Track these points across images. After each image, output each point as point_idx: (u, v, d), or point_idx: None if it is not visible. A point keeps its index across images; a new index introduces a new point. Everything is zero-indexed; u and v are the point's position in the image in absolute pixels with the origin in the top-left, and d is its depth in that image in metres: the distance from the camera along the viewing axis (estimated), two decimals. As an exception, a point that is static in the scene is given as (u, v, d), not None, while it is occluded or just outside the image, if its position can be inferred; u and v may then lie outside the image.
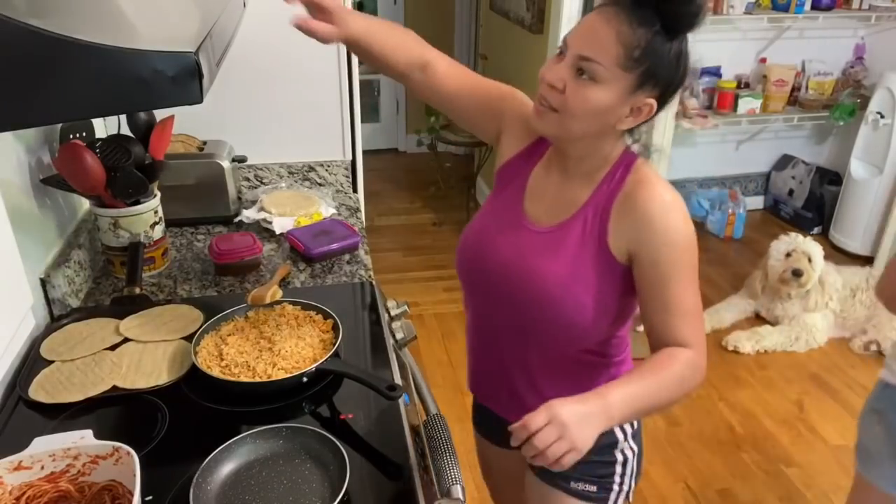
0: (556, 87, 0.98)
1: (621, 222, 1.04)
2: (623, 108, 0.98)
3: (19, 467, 0.86)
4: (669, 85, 0.99)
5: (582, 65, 0.96)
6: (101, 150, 1.39)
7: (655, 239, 1.01)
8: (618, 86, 0.96)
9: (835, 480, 2.28)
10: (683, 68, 0.99)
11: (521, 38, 3.32)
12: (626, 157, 1.07)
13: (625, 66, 0.94)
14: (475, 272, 1.19)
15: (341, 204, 1.90)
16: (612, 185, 1.06)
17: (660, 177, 1.05)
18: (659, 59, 0.95)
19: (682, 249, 1.02)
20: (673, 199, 1.02)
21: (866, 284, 2.96)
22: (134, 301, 1.37)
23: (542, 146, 1.16)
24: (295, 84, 1.90)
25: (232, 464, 0.95)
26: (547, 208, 1.12)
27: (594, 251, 1.06)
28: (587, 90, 0.96)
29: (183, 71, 0.60)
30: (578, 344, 1.12)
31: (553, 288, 1.07)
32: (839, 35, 3.73)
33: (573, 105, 0.97)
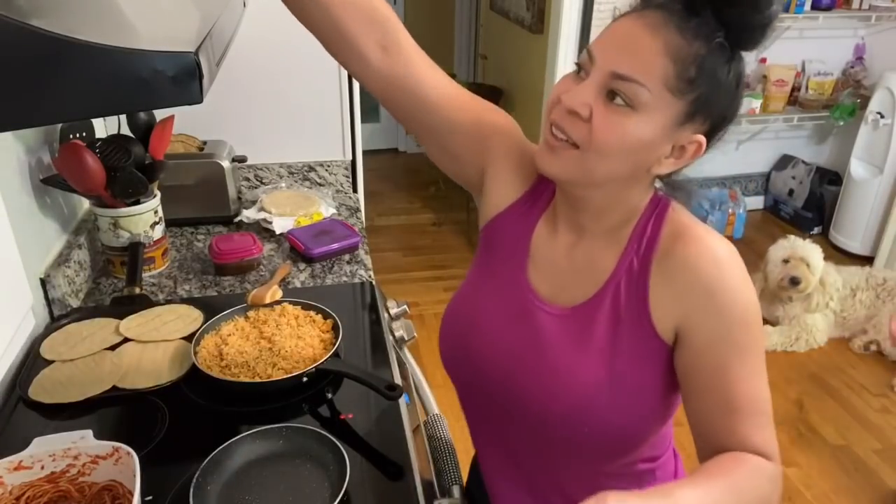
0: (579, 115, 0.74)
1: (665, 289, 0.79)
2: (665, 146, 0.75)
3: (19, 467, 0.86)
4: (724, 118, 0.76)
5: (616, 86, 0.72)
6: (101, 150, 1.39)
7: (711, 310, 0.76)
8: (663, 115, 0.72)
9: (835, 480, 2.28)
10: (740, 97, 0.77)
11: (521, 38, 3.32)
12: (654, 204, 0.82)
13: (675, 88, 0.71)
14: (471, 373, 0.92)
15: (341, 204, 1.90)
16: (645, 243, 0.81)
17: (703, 225, 0.81)
18: (716, 82, 0.72)
19: (747, 323, 0.77)
20: (728, 253, 0.78)
21: (866, 284, 2.97)
22: (134, 301, 1.37)
23: (545, 194, 0.90)
24: (295, 84, 1.90)
25: (232, 464, 0.95)
26: (562, 281, 0.86)
27: (634, 334, 0.81)
28: (623, 120, 0.72)
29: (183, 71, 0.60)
30: (623, 457, 0.87)
31: (590, 393, 0.81)
32: (839, 35, 3.73)
33: (603, 139, 0.73)
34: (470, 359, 0.91)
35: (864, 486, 2.27)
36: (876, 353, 2.91)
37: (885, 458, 2.38)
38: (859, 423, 2.54)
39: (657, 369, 0.81)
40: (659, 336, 0.80)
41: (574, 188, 0.81)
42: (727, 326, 0.76)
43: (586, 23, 2.66)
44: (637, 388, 0.81)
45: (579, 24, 2.66)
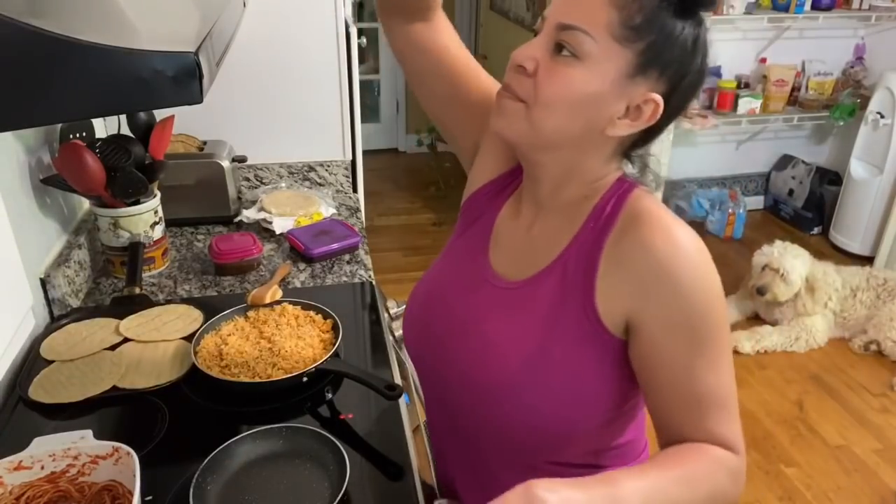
0: (525, 69, 0.73)
1: (614, 275, 0.74)
2: (617, 101, 0.72)
3: (19, 467, 0.86)
4: (683, 76, 0.73)
5: (562, 37, 0.70)
6: (101, 150, 1.39)
7: (665, 294, 0.71)
8: (610, 65, 0.70)
9: (835, 480, 2.28)
10: (702, 59, 0.74)
11: (521, 38, 3.32)
12: (620, 186, 0.79)
13: (621, 36, 0.69)
14: (422, 339, 0.91)
15: (341, 204, 1.90)
16: (601, 223, 0.77)
17: (668, 211, 0.76)
18: (666, 33, 0.70)
19: (707, 310, 0.72)
20: (688, 237, 0.73)
21: (867, 285, 2.97)
22: (134, 301, 1.37)
23: (518, 179, 0.89)
24: (295, 84, 1.90)
25: (232, 464, 0.95)
26: (516, 256, 0.84)
27: (575, 318, 0.76)
28: (567, 70, 0.70)
29: (183, 71, 0.60)
30: (560, 451, 0.82)
31: (514, 368, 0.78)
32: (839, 35, 3.73)
33: (547, 91, 0.71)
34: (424, 322, 0.91)
35: (864, 486, 2.27)
36: (876, 353, 2.91)
37: (885, 458, 2.38)
38: (859, 423, 2.54)
39: (600, 363, 0.76)
40: (604, 327, 0.75)
41: (527, 150, 0.79)
42: (684, 313, 0.72)
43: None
44: (571, 378, 0.77)
45: (579, 24, 2.67)
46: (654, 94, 0.72)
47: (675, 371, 0.73)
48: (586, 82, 0.71)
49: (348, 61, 1.91)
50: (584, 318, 0.76)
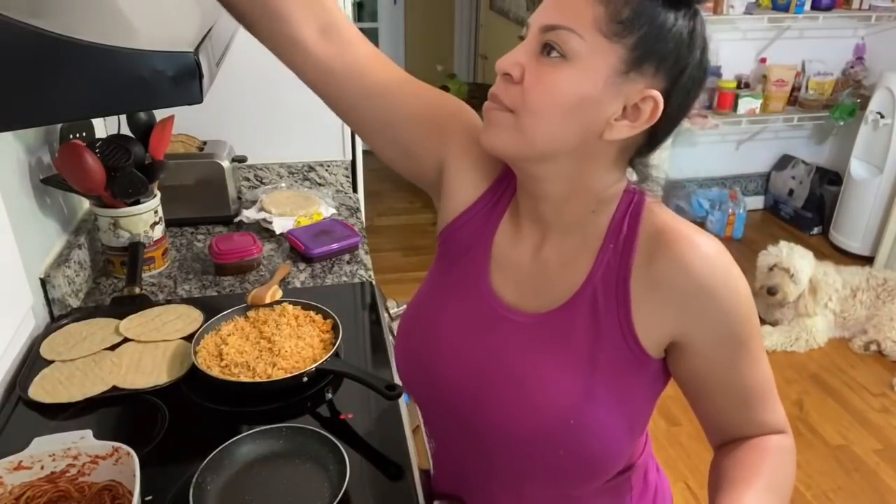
0: (511, 77, 0.68)
1: (653, 300, 0.72)
2: (612, 102, 0.67)
3: (19, 467, 0.86)
4: (682, 71, 0.68)
5: (547, 38, 0.66)
6: (101, 150, 1.39)
7: (713, 311, 0.71)
8: (601, 62, 0.66)
9: (835, 480, 2.28)
10: (701, 53, 0.69)
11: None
12: (629, 199, 0.75)
13: (609, 31, 0.65)
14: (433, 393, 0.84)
15: (341, 204, 1.90)
16: (623, 243, 0.74)
17: (683, 220, 0.74)
18: (659, 25, 0.66)
19: (748, 315, 0.73)
20: (716, 248, 0.72)
21: (867, 285, 2.96)
22: (134, 301, 1.37)
23: (507, 192, 0.81)
24: (295, 84, 1.88)
25: (232, 464, 0.95)
26: (531, 285, 0.78)
27: (616, 349, 0.73)
28: (555, 73, 0.66)
29: (183, 71, 0.60)
30: (602, 477, 0.79)
31: (565, 412, 0.73)
32: (839, 35, 3.73)
33: (535, 96, 0.67)
34: (431, 378, 0.82)
35: (864, 486, 2.27)
36: (876, 353, 2.91)
37: (885, 458, 2.38)
38: (859, 423, 2.54)
39: (640, 384, 0.76)
40: (645, 353, 0.73)
41: (523, 164, 0.73)
42: (730, 325, 0.72)
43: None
44: (622, 409, 0.74)
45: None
46: (652, 91, 0.67)
47: (725, 377, 0.75)
48: (577, 83, 0.66)
49: (348, 61, 1.91)
50: (625, 348, 0.73)
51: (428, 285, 0.88)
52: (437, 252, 0.87)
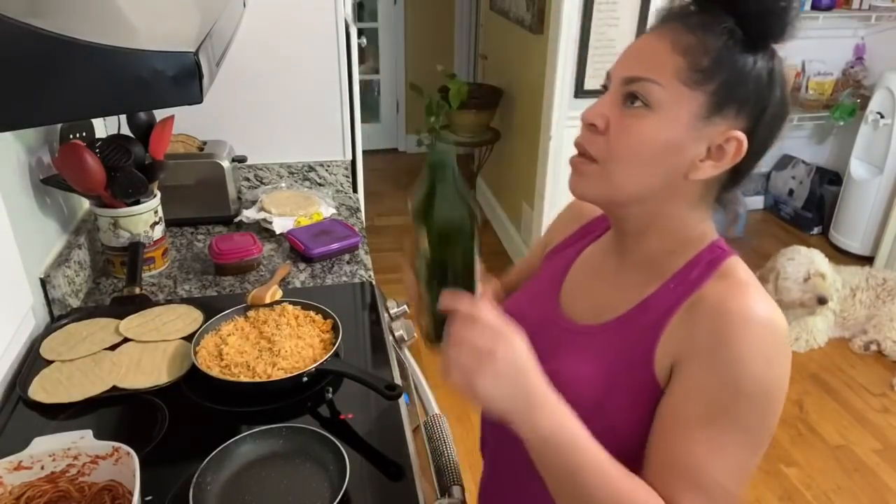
0: (596, 128, 0.72)
1: (678, 331, 0.72)
2: (696, 144, 0.70)
3: (19, 467, 0.86)
4: (763, 110, 0.70)
5: (629, 89, 0.70)
6: (101, 150, 1.39)
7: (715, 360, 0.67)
8: (683, 109, 0.69)
9: (835, 480, 2.28)
10: (781, 91, 0.71)
11: (521, 38, 3.32)
12: (713, 251, 0.76)
13: (690, 80, 0.68)
14: None
15: (341, 204, 1.90)
16: (684, 286, 0.74)
17: (758, 285, 0.72)
18: (738, 70, 0.69)
19: (748, 396, 0.66)
20: (769, 315, 0.68)
21: (866, 284, 2.97)
22: (134, 301, 1.37)
23: (597, 230, 0.91)
24: (295, 84, 1.90)
25: (232, 464, 0.95)
26: (591, 302, 0.83)
27: (636, 374, 0.74)
28: (639, 122, 0.70)
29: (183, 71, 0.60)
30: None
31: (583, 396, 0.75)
32: (839, 35, 3.73)
33: (620, 146, 0.71)
34: None
35: (864, 486, 2.27)
36: (876, 353, 2.91)
37: (885, 458, 2.38)
38: (859, 423, 2.55)
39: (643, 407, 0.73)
40: (654, 373, 0.72)
41: (608, 209, 0.80)
42: (716, 383, 0.67)
43: (586, 23, 2.66)
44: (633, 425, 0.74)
45: (579, 24, 2.66)
46: (736, 132, 0.70)
47: (680, 432, 0.68)
48: (661, 130, 0.70)
49: (348, 61, 1.91)
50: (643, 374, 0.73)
51: (524, 286, 0.98)
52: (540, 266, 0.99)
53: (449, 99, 3.54)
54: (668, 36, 0.70)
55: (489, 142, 3.72)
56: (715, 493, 0.67)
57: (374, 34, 4.78)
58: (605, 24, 2.69)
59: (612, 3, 2.65)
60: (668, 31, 0.71)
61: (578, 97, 2.81)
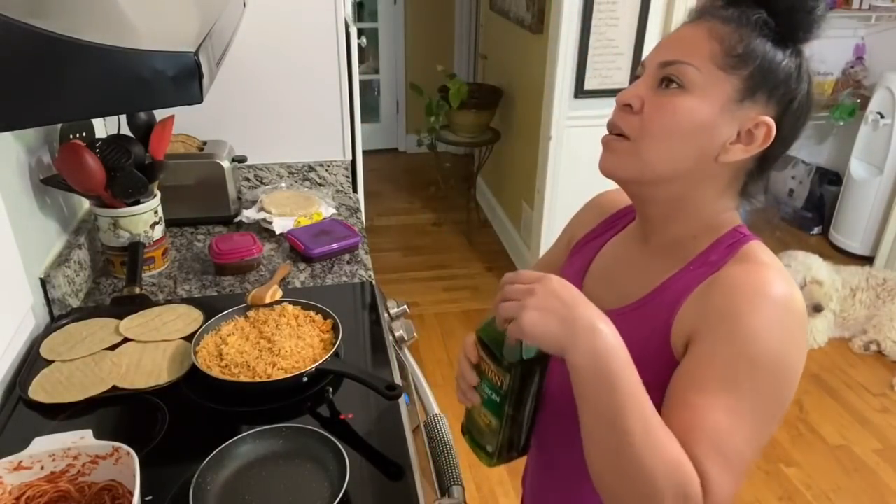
0: (631, 108, 0.75)
1: (696, 302, 0.73)
2: (728, 126, 0.73)
3: (19, 467, 0.86)
4: (791, 100, 0.74)
5: (666, 72, 0.73)
6: (101, 150, 1.39)
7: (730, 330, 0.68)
8: (717, 91, 0.72)
9: (835, 480, 2.28)
10: (808, 86, 0.75)
11: (521, 38, 3.32)
12: (735, 236, 0.77)
13: (725, 65, 0.72)
14: None
15: (341, 204, 1.90)
16: (704, 268, 0.75)
17: (778, 264, 0.73)
18: (769, 60, 0.72)
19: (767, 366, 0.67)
20: (785, 292, 0.69)
21: (866, 284, 2.97)
22: (134, 301, 1.37)
23: (621, 221, 0.93)
24: (295, 84, 1.90)
25: (232, 464, 0.95)
26: (614, 289, 0.85)
27: (660, 352, 0.76)
28: (674, 100, 0.72)
29: (183, 71, 0.60)
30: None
31: None
32: (839, 35, 3.73)
33: (654, 122, 0.73)
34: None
35: (864, 486, 2.27)
36: (876, 353, 2.91)
37: (885, 458, 2.38)
38: (859, 423, 2.55)
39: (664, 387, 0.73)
40: (671, 348, 0.74)
41: (639, 188, 0.79)
42: (730, 352, 0.68)
43: (586, 23, 2.66)
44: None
45: (579, 24, 2.66)
46: (765, 117, 0.73)
47: (696, 397, 0.68)
48: (695, 109, 0.72)
49: (348, 61, 1.91)
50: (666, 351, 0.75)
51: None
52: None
53: (449, 99, 3.54)
54: (705, 25, 0.74)
55: (489, 142, 3.73)
56: (733, 459, 0.67)
57: (374, 34, 4.78)
58: (605, 24, 2.69)
59: (612, 3, 2.65)
60: (704, 22, 0.74)
61: (578, 97, 2.81)
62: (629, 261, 0.85)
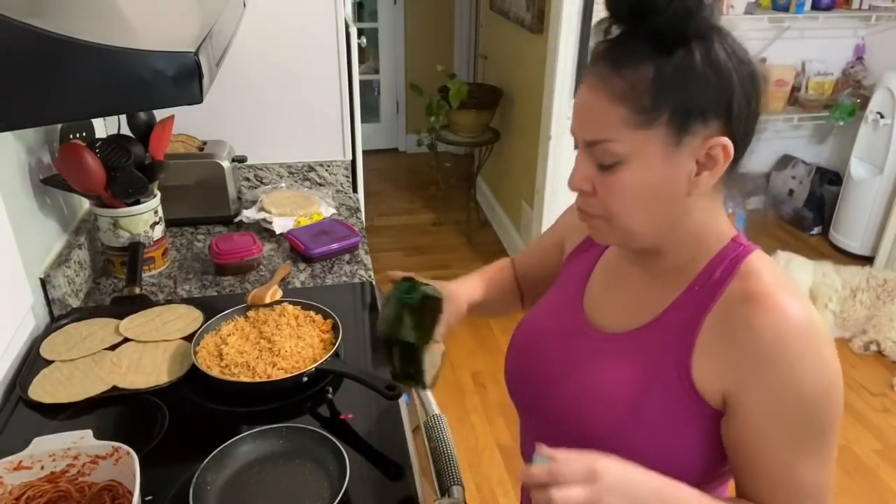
0: (586, 192, 0.75)
1: (715, 351, 0.72)
2: (682, 166, 0.70)
3: (19, 467, 0.86)
4: (728, 102, 0.69)
5: (594, 152, 0.72)
6: (101, 150, 1.39)
7: (763, 384, 0.68)
8: (651, 149, 0.69)
9: (835, 480, 2.28)
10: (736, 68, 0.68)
11: (521, 38, 3.32)
12: (734, 249, 0.76)
13: (640, 122, 0.68)
14: (523, 381, 0.94)
15: (341, 204, 1.90)
16: (708, 288, 0.75)
17: (784, 280, 0.73)
18: (682, 87, 0.67)
19: (818, 399, 0.68)
20: (803, 322, 0.68)
21: (867, 285, 2.96)
22: (134, 301, 1.37)
23: None
24: (295, 84, 1.90)
25: (232, 464, 0.95)
26: (616, 310, 0.84)
27: (669, 382, 0.74)
28: (619, 178, 0.71)
29: (183, 71, 0.60)
30: None
31: (606, 417, 0.77)
32: (839, 35, 3.73)
33: (614, 206, 0.73)
34: (526, 375, 0.92)
35: (864, 486, 2.27)
36: (876, 353, 2.91)
37: (885, 458, 2.38)
38: (859, 423, 2.54)
39: (692, 429, 0.74)
40: (699, 395, 0.73)
41: (630, 246, 0.81)
42: (790, 402, 0.68)
43: (586, 23, 2.65)
44: (661, 439, 0.75)
45: (579, 24, 2.66)
46: (714, 139, 0.69)
47: (772, 457, 0.70)
48: (642, 177, 0.71)
49: (348, 61, 1.91)
50: (678, 383, 0.74)
51: (546, 296, 0.98)
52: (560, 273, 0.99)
53: (449, 99, 3.54)
54: (601, 88, 0.70)
55: (489, 142, 3.72)
56: (826, 496, 0.71)
57: (374, 34, 4.78)
58: (605, 24, 2.68)
59: (612, 3, 2.65)
60: (599, 82, 0.70)
61: (578, 97, 2.81)
62: (630, 282, 0.84)
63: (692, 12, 0.66)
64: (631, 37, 0.69)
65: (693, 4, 0.66)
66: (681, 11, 0.66)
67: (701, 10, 0.67)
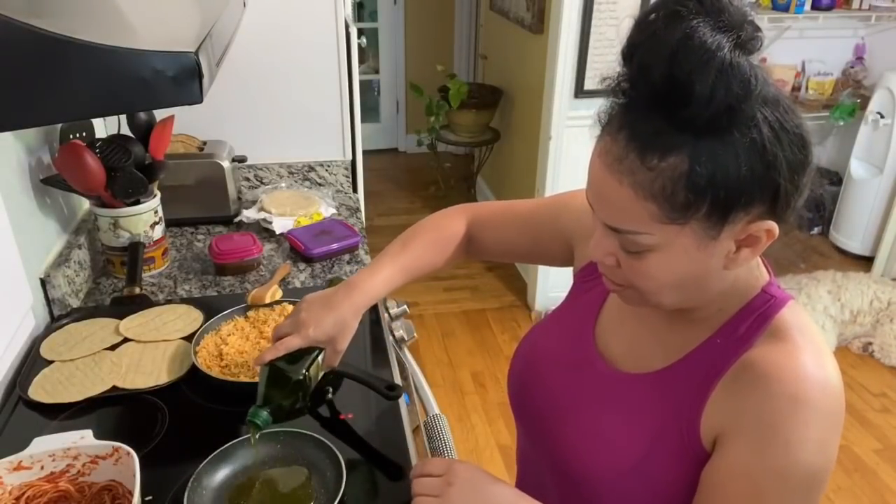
0: (609, 265, 0.70)
1: (726, 404, 0.68)
2: (719, 252, 0.64)
3: (19, 467, 0.86)
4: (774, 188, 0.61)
5: (620, 239, 0.66)
6: (101, 150, 1.39)
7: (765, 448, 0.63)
8: (685, 241, 0.62)
9: (835, 480, 2.28)
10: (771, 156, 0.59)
11: (521, 38, 3.32)
12: (763, 301, 0.70)
13: (674, 218, 0.61)
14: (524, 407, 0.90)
15: (341, 204, 1.90)
16: (731, 343, 0.69)
17: (813, 342, 0.67)
18: (720, 178, 0.59)
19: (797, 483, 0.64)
20: (822, 399, 0.63)
21: (869, 308, 2.92)
22: (134, 301, 1.37)
23: None
24: (295, 84, 1.90)
25: (227, 468, 0.95)
26: (630, 348, 0.79)
27: (678, 436, 0.70)
28: (648, 264, 0.65)
29: (183, 71, 0.60)
30: None
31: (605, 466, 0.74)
32: (839, 35, 3.73)
33: (643, 285, 0.68)
34: (525, 388, 0.90)
35: (864, 486, 2.27)
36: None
37: (885, 458, 2.38)
38: (859, 423, 2.54)
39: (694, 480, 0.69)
40: (703, 448, 0.69)
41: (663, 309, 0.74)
42: (765, 471, 0.63)
43: (586, 23, 2.66)
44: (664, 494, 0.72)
45: (579, 24, 2.66)
46: (757, 225, 0.62)
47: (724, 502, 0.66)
48: (672, 265, 0.64)
49: (348, 61, 1.91)
50: (686, 438, 0.70)
51: (556, 311, 0.93)
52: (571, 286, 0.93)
53: (449, 99, 3.54)
54: (625, 177, 0.61)
55: (489, 142, 3.72)
56: None
57: (374, 34, 4.78)
58: (605, 24, 2.69)
59: (612, 3, 2.65)
60: (620, 166, 0.62)
61: (578, 97, 2.81)
62: (646, 320, 0.78)
63: (735, 107, 0.58)
64: (657, 115, 0.60)
65: (739, 97, 0.57)
66: (723, 105, 0.57)
67: (747, 101, 0.58)
